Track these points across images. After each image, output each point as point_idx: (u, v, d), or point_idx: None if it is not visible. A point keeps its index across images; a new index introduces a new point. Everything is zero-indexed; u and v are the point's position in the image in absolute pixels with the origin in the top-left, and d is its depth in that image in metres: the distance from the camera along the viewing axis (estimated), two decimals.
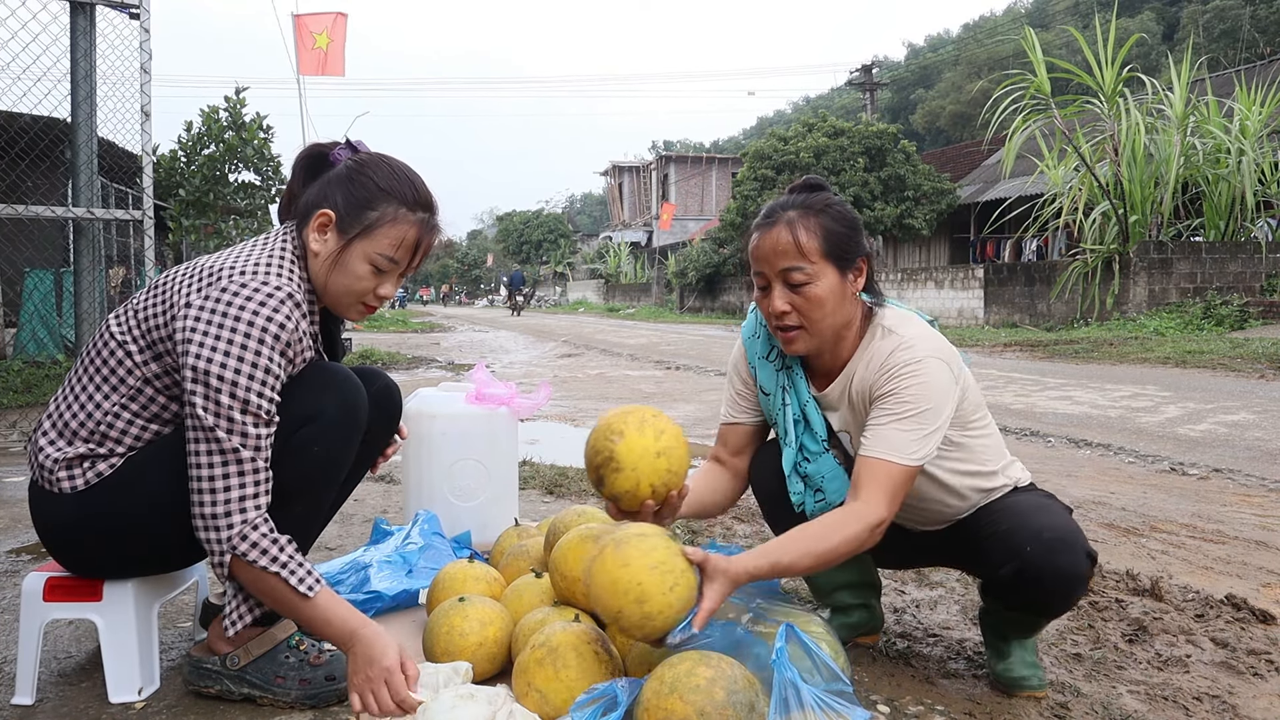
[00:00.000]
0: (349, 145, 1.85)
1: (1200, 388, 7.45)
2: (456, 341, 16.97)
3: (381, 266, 1.77)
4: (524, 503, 3.44)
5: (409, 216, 1.77)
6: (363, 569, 2.38)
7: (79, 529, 1.70)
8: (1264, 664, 2.05)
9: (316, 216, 1.76)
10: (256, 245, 1.76)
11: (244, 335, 1.60)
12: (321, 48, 12.97)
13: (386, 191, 1.76)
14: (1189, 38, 19.57)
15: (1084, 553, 1.74)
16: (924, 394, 1.72)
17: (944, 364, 1.75)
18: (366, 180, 1.76)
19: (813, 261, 1.75)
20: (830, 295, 1.77)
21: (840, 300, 1.79)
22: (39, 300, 8.65)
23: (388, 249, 1.76)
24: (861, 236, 1.81)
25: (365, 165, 1.79)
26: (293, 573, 1.63)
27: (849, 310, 1.82)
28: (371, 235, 1.75)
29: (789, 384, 1.93)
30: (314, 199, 1.79)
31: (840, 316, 1.80)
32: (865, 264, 1.81)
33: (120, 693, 1.77)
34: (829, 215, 1.78)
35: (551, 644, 1.66)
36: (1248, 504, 3.68)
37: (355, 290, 1.78)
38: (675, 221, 40.34)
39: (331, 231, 1.76)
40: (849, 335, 1.85)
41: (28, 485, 1.77)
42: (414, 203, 1.78)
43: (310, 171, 1.86)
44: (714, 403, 7.17)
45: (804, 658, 1.49)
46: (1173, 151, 13.45)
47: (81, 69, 5.11)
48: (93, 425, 1.70)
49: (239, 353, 1.60)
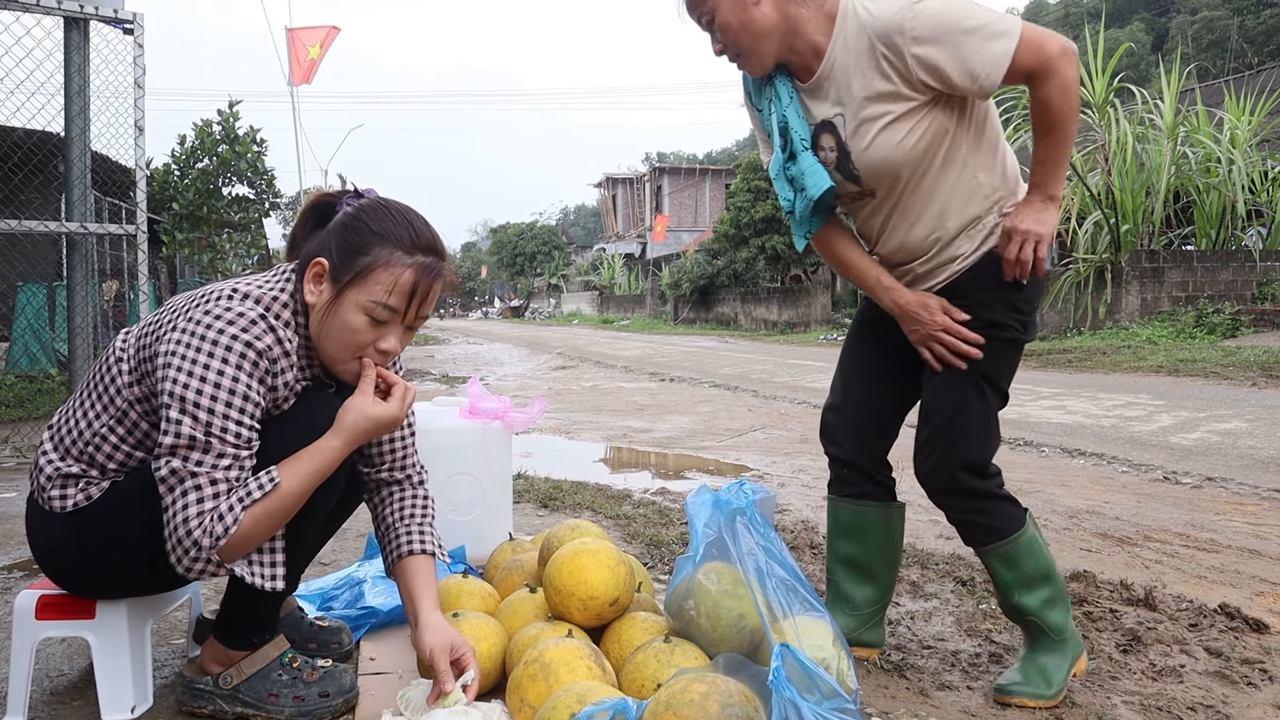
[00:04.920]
0: (356, 194, 1.79)
1: (1193, 396, 7.48)
2: (451, 354, 16.96)
3: (378, 316, 1.66)
4: (518, 517, 3.44)
5: (404, 259, 1.66)
6: (357, 584, 2.37)
7: (68, 550, 1.69)
8: (1258, 673, 2.06)
9: (312, 267, 1.69)
10: (256, 280, 1.73)
11: (210, 354, 1.56)
12: (314, 58, 13.02)
13: (379, 234, 1.67)
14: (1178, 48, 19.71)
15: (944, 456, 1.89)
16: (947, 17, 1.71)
17: None
18: (360, 225, 1.69)
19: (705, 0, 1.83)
20: (732, 16, 1.81)
21: (746, 11, 1.81)
22: (32, 314, 8.63)
23: (380, 295, 1.65)
24: None
25: (362, 210, 1.71)
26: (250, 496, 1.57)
27: (768, 14, 1.81)
28: (364, 282, 1.65)
29: (773, 95, 1.96)
30: (313, 249, 1.72)
31: (760, 24, 1.82)
32: None
33: (113, 711, 1.76)
34: None
35: (545, 659, 1.66)
36: (1241, 513, 3.69)
37: (350, 343, 1.67)
38: (669, 233, 40.42)
39: (326, 281, 1.68)
40: (804, 27, 1.83)
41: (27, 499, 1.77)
42: (411, 245, 1.68)
43: (318, 221, 1.80)
44: (708, 414, 7.18)
45: (803, 676, 1.49)
46: (1163, 161, 13.53)
47: (75, 84, 5.12)
48: (83, 444, 1.69)
49: (203, 371, 1.55)
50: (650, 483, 4.46)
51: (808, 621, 1.69)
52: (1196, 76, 19.15)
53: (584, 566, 1.90)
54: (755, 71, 1.91)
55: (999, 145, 1.93)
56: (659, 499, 3.91)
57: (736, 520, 1.80)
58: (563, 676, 1.62)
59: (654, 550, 3.05)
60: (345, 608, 2.29)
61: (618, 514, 3.55)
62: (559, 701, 1.51)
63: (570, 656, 1.66)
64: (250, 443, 1.60)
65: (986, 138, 1.90)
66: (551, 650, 1.67)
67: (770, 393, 8.54)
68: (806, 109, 1.92)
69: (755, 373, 10.54)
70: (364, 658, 2.09)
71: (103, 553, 1.69)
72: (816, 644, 1.65)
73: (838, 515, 2.13)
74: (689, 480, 4.49)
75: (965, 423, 1.90)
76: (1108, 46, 13.65)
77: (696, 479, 4.51)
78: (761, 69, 1.89)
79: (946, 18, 1.72)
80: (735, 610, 1.73)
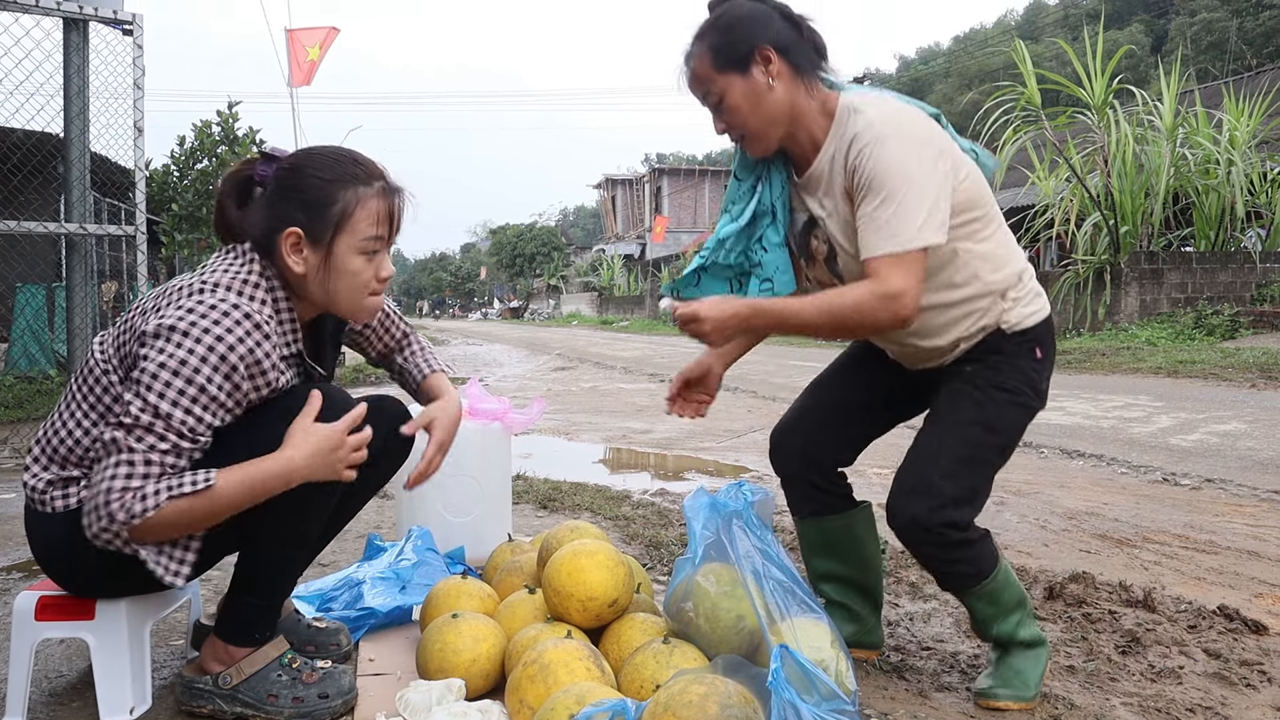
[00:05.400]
0: (267, 158, 1.76)
1: (1192, 397, 7.48)
2: (450, 355, 16.96)
3: (371, 249, 1.73)
4: (518, 518, 3.44)
5: (369, 191, 1.72)
6: (356, 585, 2.37)
7: (72, 548, 1.68)
8: (1256, 675, 2.06)
9: (286, 237, 1.69)
10: (220, 266, 1.71)
11: (186, 352, 1.56)
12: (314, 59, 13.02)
13: (336, 180, 1.70)
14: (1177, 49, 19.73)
15: (927, 508, 1.77)
16: (891, 175, 1.69)
17: (906, 139, 1.71)
18: (311, 181, 1.70)
19: (713, 80, 1.81)
20: (744, 99, 1.80)
21: (760, 97, 1.80)
22: (31, 315, 8.63)
23: (368, 230, 1.72)
24: (751, 31, 1.79)
25: (300, 168, 1.72)
26: (179, 486, 1.55)
27: (779, 98, 1.80)
28: (348, 227, 1.70)
29: (765, 174, 1.95)
30: (265, 224, 1.71)
31: (771, 109, 1.81)
32: (770, 52, 1.79)
33: (112, 712, 1.76)
34: (714, 30, 1.82)
35: (544, 660, 1.66)
36: (1240, 514, 3.69)
37: (359, 285, 1.74)
38: (669, 234, 40.42)
39: (306, 247, 1.70)
40: (807, 119, 1.83)
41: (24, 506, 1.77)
42: (366, 177, 1.73)
43: (241, 195, 1.79)
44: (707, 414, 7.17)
45: (801, 678, 1.49)
46: (1163, 162, 13.53)
47: (74, 85, 5.12)
48: (81, 451, 1.69)
49: (175, 366, 1.55)
50: (649, 484, 4.46)
51: (806, 623, 1.69)
52: (1196, 78, 19.19)
53: (583, 568, 1.90)
54: (757, 153, 1.89)
55: (994, 236, 1.88)
56: (658, 500, 3.92)
57: (733, 523, 1.81)
58: (561, 678, 1.62)
59: (653, 551, 3.05)
60: (344, 609, 2.29)
61: (617, 515, 3.55)
62: (558, 703, 1.51)
63: (569, 657, 1.66)
64: (198, 436, 1.59)
65: (980, 231, 1.86)
66: (550, 651, 1.68)
67: (769, 393, 8.54)
68: (799, 200, 1.93)
69: (754, 374, 10.53)
70: (363, 659, 2.09)
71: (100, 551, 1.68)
72: (815, 645, 1.65)
73: (804, 534, 2.13)
74: (688, 481, 4.49)
75: (955, 472, 1.81)
76: (1107, 48, 13.67)
77: (695, 480, 4.51)
78: (764, 152, 1.89)
79: (884, 174, 1.69)
80: (734, 612, 1.74)
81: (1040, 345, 1.91)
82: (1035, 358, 1.90)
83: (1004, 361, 1.88)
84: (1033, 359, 1.90)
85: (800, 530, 2.13)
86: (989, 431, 1.85)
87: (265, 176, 1.75)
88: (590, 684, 1.58)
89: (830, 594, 2.11)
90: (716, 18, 1.84)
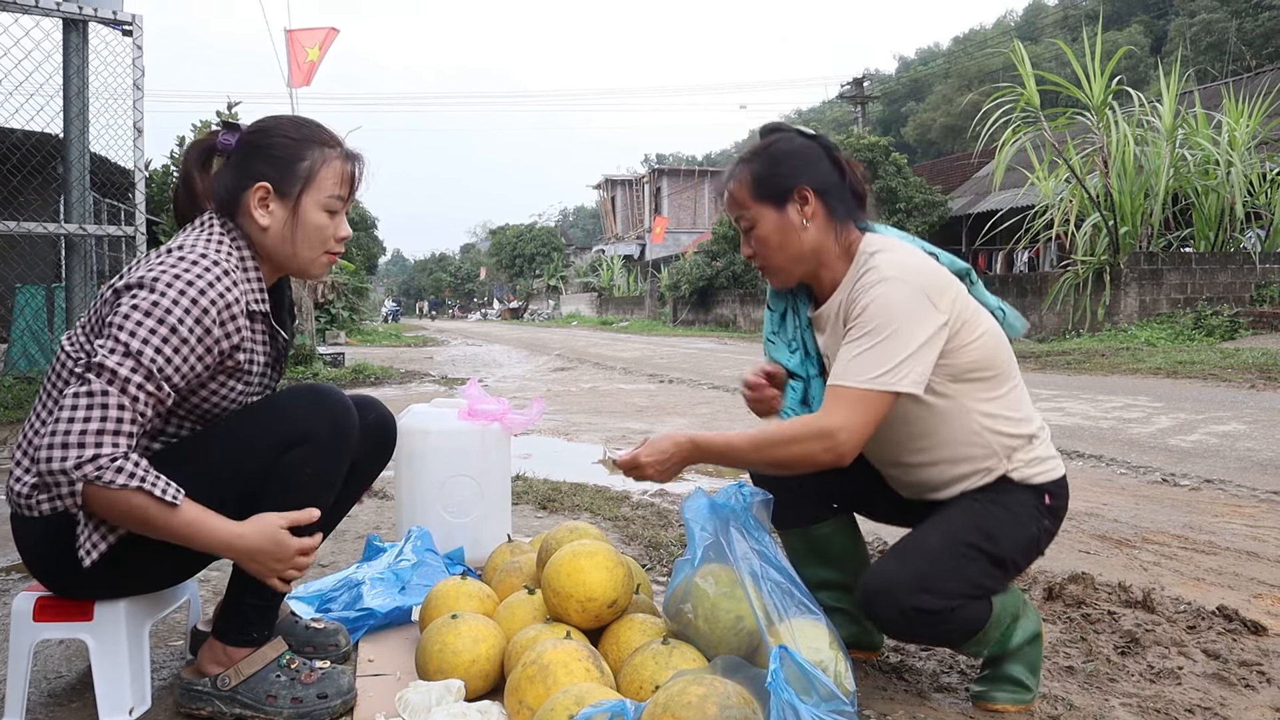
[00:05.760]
0: (228, 127, 1.83)
1: (1191, 398, 7.49)
2: (450, 355, 16.95)
3: (333, 208, 1.81)
4: (517, 518, 3.44)
5: (333, 153, 1.81)
6: (355, 586, 2.37)
7: (58, 553, 1.67)
8: (1255, 675, 2.06)
9: (254, 192, 1.75)
10: (183, 237, 1.75)
11: (159, 296, 1.58)
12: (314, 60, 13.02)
13: (304, 140, 1.79)
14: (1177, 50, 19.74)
15: (897, 609, 1.70)
16: (876, 315, 1.69)
17: (905, 284, 1.70)
18: (280, 140, 1.78)
19: (748, 207, 1.84)
20: (774, 233, 1.82)
21: (790, 235, 1.82)
22: (30, 316, 8.62)
23: (332, 188, 1.79)
24: (795, 169, 1.81)
25: (267, 129, 1.79)
26: (154, 484, 1.55)
27: (810, 239, 1.82)
28: (314, 183, 1.78)
29: (793, 304, 1.99)
30: (232, 184, 1.77)
31: (799, 248, 1.83)
32: (809, 193, 1.80)
33: (111, 713, 1.76)
34: (760, 159, 1.84)
35: (543, 661, 1.66)
36: (1239, 515, 3.69)
37: (320, 240, 1.81)
38: (668, 234, 40.44)
39: (273, 200, 1.76)
40: (830, 261, 1.85)
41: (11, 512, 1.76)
42: (330, 140, 1.82)
43: (204, 165, 1.85)
44: (707, 416, 7.18)
45: (800, 678, 1.49)
46: (1162, 163, 13.55)
47: (74, 85, 5.12)
48: None
49: (147, 308, 1.57)
50: (649, 485, 4.46)
51: (804, 624, 1.69)
52: (1195, 79, 19.19)
53: (582, 568, 1.90)
54: (777, 285, 1.92)
55: (1005, 397, 1.83)
56: (657, 500, 3.92)
57: (731, 525, 1.81)
58: (561, 678, 1.63)
59: (653, 552, 3.05)
60: (343, 609, 2.29)
61: (616, 515, 3.55)
62: (557, 703, 1.51)
63: (568, 658, 1.66)
64: (163, 382, 1.58)
65: (989, 391, 1.82)
66: (550, 652, 1.68)
67: None
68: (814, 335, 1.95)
69: None
70: (362, 659, 2.08)
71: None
72: (814, 646, 1.65)
73: (791, 546, 2.13)
74: (687, 481, 4.49)
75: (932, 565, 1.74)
76: (1106, 49, 13.70)
77: (694, 481, 4.51)
78: (783, 285, 1.91)
79: (872, 314, 1.69)
80: (733, 613, 1.74)
81: (1051, 495, 1.85)
82: (1044, 502, 1.84)
83: (1009, 498, 1.82)
84: (1041, 502, 1.83)
85: (786, 543, 2.12)
86: (984, 537, 1.78)
87: (228, 145, 1.80)
88: (589, 685, 1.58)
89: (826, 600, 2.10)
90: (766, 146, 1.85)
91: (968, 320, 1.77)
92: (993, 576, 1.80)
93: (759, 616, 1.68)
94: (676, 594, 1.81)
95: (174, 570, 1.81)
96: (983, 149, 15.66)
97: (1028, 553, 1.85)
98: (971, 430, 1.81)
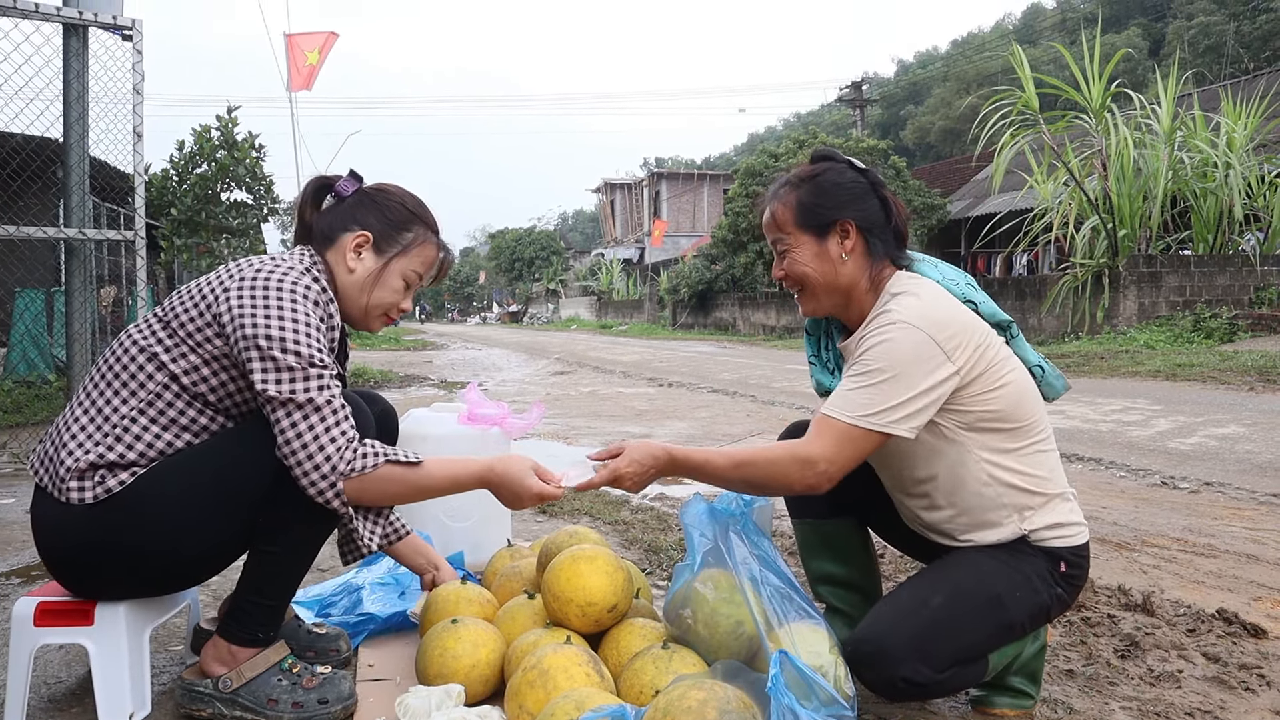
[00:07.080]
0: (353, 176, 1.96)
1: (1190, 401, 7.49)
2: (449, 359, 16.95)
3: (411, 282, 1.94)
4: (517, 523, 3.44)
5: (434, 239, 1.96)
6: (356, 591, 2.37)
7: (82, 544, 1.67)
8: (1255, 678, 2.06)
9: (354, 238, 1.87)
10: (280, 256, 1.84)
11: (278, 296, 1.69)
12: (313, 64, 13.04)
13: (416, 216, 1.94)
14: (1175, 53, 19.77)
15: (886, 679, 1.66)
16: (880, 357, 1.68)
17: (916, 331, 1.68)
18: (396, 205, 1.92)
19: (788, 233, 1.84)
20: (813, 261, 1.83)
21: (825, 264, 1.82)
22: (30, 320, 8.63)
23: (420, 267, 1.94)
24: (842, 202, 1.81)
25: (388, 192, 1.94)
26: (395, 454, 1.71)
27: (847, 273, 1.82)
28: (409, 254, 1.92)
29: (826, 331, 2.03)
30: (337, 224, 1.89)
31: (833, 279, 1.83)
32: (851, 228, 1.80)
33: (111, 718, 1.76)
34: (808, 187, 1.83)
35: (543, 666, 1.66)
36: (1238, 517, 3.69)
37: (389, 302, 1.93)
38: (667, 238, 40.46)
39: (368, 251, 1.89)
40: (860, 294, 1.84)
41: (33, 494, 1.74)
42: (435, 228, 1.98)
43: (318, 201, 1.96)
44: (706, 419, 7.18)
45: (800, 683, 1.49)
46: (1160, 166, 13.56)
47: (74, 90, 5.12)
48: (109, 430, 1.68)
49: (278, 311, 1.68)
50: (649, 488, 4.46)
51: (804, 628, 1.70)
52: (1193, 81, 19.22)
53: (582, 573, 1.90)
54: (806, 312, 1.92)
55: (1025, 452, 1.78)
56: (657, 505, 3.92)
57: (730, 530, 1.81)
58: (561, 683, 1.63)
59: (652, 556, 3.05)
60: (344, 614, 2.29)
61: (616, 520, 3.56)
62: (557, 708, 1.51)
63: (568, 663, 1.66)
64: (327, 361, 1.71)
65: (1008, 444, 1.77)
66: (550, 657, 1.68)
67: (769, 398, 8.55)
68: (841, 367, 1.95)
69: (753, 378, 10.54)
70: (363, 664, 2.09)
71: (123, 543, 1.67)
72: (813, 650, 1.65)
73: (802, 536, 2.13)
74: (687, 485, 4.49)
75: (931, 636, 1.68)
76: (1105, 52, 13.72)
77: (694, 486, 4.51)
78: (812, 313, 1.91)
79: (876, 354, 1.69)
80: (733, 617, 1.74)
81: (1066, 563, 1.78)
82: (1058, 569, 1.78)
83: (1022, 560, 1.77)
84: (1055, 569, 1.78)
85: (798, 531, 2.14)
86: (991, 600, 1.73)
87: (345, 191, 1.93)
88: (589, 689, 1.58)
89: (829, 598, 2.11)
90: (815, 174, 1.84)
91: (987, 371, 1.73)
92: (995, 640, 1.75)
93: (758, 621, 1.68)
94: (676, 599, 1.81)
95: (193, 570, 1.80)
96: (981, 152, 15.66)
97: (1035, 619, 1.78)
98: (979, 480, 1.78)
